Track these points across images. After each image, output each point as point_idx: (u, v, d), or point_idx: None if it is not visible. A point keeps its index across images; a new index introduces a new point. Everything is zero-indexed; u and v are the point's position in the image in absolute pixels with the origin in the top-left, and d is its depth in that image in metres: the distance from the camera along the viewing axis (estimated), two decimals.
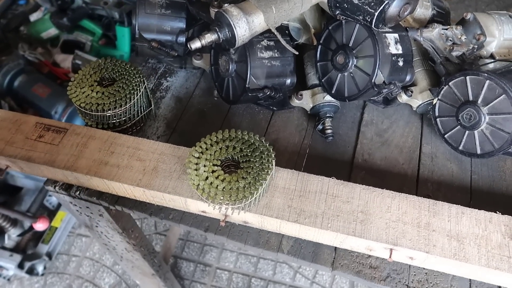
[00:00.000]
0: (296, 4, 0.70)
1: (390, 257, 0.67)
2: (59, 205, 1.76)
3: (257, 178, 0.67)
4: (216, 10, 0.67)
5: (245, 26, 0.65)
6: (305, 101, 0.88)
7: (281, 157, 0.85)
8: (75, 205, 0.87)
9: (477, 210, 0.70)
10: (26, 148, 0.78)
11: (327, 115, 0.87)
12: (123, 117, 0.82)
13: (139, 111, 0.85)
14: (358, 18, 0.71)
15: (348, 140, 0.88)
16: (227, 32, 0.65)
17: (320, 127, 0.87)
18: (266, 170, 0.68)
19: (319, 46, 0.86)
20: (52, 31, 2.00)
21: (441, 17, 0.97)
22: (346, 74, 0.81)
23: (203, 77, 1.01)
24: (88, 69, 0.84)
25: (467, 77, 0.77)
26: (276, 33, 0.69)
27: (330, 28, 0.83)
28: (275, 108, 0.89)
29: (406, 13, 0.71)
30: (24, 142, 0.79)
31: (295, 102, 0.88)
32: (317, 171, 0.76)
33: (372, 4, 0.68)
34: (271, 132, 0.90)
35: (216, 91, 0.92)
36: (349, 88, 0.82)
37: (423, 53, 0.93)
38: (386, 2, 0.67)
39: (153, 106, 0.90)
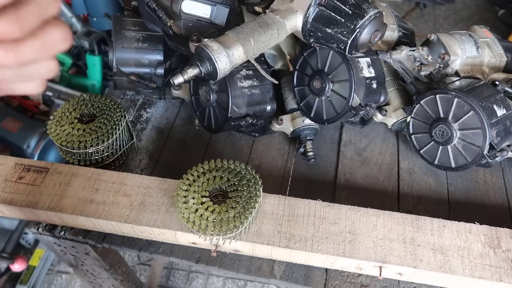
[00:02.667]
0: (272, 36, 0.73)
1: (380, 274, 0.69)
2: (36, 242, 1.70)
3: (246, 206, 0.68)
4: (195, 44, 0.69)
5: (225, 59, 0.67)
6: (285, 125, 0.91)
7: (266, 182, 0.86)
8: (60, 245, 0.85)
9: (457, 222, 0.73)
10: (6, 191, 0.76)
11: (308, 138, 0.89)
12: (105, 153, 0.82)
13: (121, 146, 0.85)
14: (332, 46, 0.74)
15: (329, 160, 0.91)
16: (208, 66, 0.67)
17: (302, 150, 0.89)
18: (254, 198, 0.69)
19: (295, 72, 0.89)
20: None
21: (407, 38, 1.03)
22: (323, 98, 0.84)
23: (183, 107, 1.02)
24: (67, 106, 0.84)
25: (437, 96, 0.81)
26: (255, 64, 0.71)
27: (305, 54, 0.86)
28: (256, 134, 0.91)
29: (376, 39, 0.75)
30: (4, 185, 0.77)
31: (276, 127, 0.91)
32: (302, 193, 0.78)
33: (345, 32, 0.71)
34: (254, 157, 0.91)
35: (197, 120, 0.93)
36: (327, 111, 0.85)
37: (393, 73, 0.97)
38: (357, 30, 0.71)
39: (135, 139, 0.90)
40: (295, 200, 0.75)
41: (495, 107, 0.77)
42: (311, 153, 0.88)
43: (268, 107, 0.84)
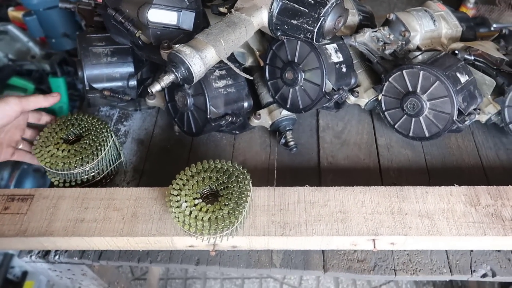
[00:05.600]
0: (241, 34, 0.74)
1: (374, 247, 0.72)
2: (24, 275, 1.65)
3: (238, 202, 0.70)
4: (167, 51, 0.70)
5: (199, 62, 0.68)
6: (263, 119, 0.93)
7: (253, 176, 0.86)
8: (55, 270, 0.84)
9: (438, 187, 0.77)
10: None
11: (287, 128, 0.92)
12: (91, 173, 0.81)
13: (108, 164, 0.84)
14: (299, 36, 0.77)
15: (310, 147, 0.94)
16: (183, 71, 0.68)
17: (283, 141, 0.91)
18: (245, 193, 0.71)
19: (267, 66, 0.91)
20: None
21: (367, 20, 1.07)
22: (297, 88, 0.87)
23: (160, 115, 1.02)
24: (53, 126, 0.83)
25: (404, 71, 0.85)
26: (228, 63, 0.72)
27: (273, 48, 0.89)
28: (237, 132, 0.93)
29: (340, 24, 0.78)
30: None
31: (255, 122, 0.92)
32: (289, 182, 0.80)
33: (310, 22, 0.74)
34: (238, 155, 0.93)
35: (176, 126, 0.93)
36: (302, 100, 0.87)
37: (359, 56, 1.01)
38: (322, 18, 0.73)
39: (123, 157, 0.89)
40: (284, 189, 0.77)
41: (458, 74, 0.82)
42: (292, 143, 0.90)
43: (245, 104, 0.86)
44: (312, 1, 0.74)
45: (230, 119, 0.82)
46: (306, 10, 0.74)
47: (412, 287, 1.61)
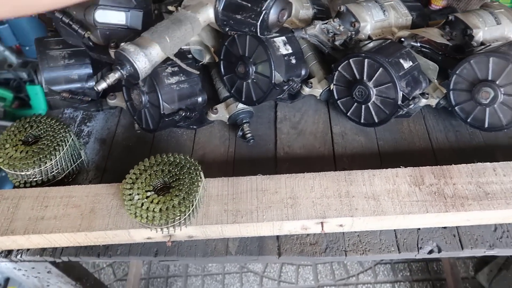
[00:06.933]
0: (187, 30, 0.77)
1: (322, 229, 0.75)
2: (6, 282, 1.66)
3: (189, 192, 0.72)
4: (114, 50, 0.72)
5: (144, 59, 0.70)
6: (221, 113, 0.95)
7: (212, 169, 0.90)
8: (20, 269, 0.86)
9: (385, 169, 0.80)
10: None
11: (244, 121, 0.94)
12: (50, 173, 0.83)
13: (69, 164, 0.86)
14: (245, 30, 0.79)
15: (268, 139, 0.96)
16: (129, 68, 0.70)
17: (240, 133, 0.94)
18: (196, 183, 0.73)
19: (221, 62, 0.94)
20: None
21: (323, 14, 1.10)
22: (250, 81, 0.90)
23: (122, 115, 1.04)
24: (12, 129, 0.84)
25: (350, 60, 0.88)
26: (175, 59, 0.75)
27: (226, 44, 0.91)
28: (195, 127, 0.95)
29: (284, 17, 0.81)
30: None
31: (212, 116, 0.95)
32: (246, 173, 0.82)
33: (253, 16, 0.77)
34: (198, 149, 0.95)
35: (136, 124, 0.96)
36: (255, 92, 0.90)
37: (313, 48, 1.04)
38: (264, 12, 0.76)
39: (83, 157, 0.91)
40: (238, 179, 0.80)
41: (401, 61, 0.85)
42: (249, 135, 0.93)
43: (199, 99, 0.88)
44: None
45: (184, 114, 0.84)
46: (249, 5, 0.77)
47: (389, 273, 1.65)
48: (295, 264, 1.69)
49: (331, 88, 0.95)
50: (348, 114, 0.94)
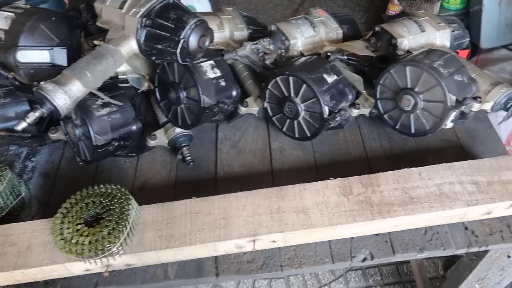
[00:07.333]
0: (109, 64, 0.79)
1: (254, 247, 0.76)
2: None
3: (119, 222, 0.73)
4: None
5: (63, 96, 0.72)
6: (160, 139, 0.97)
7: (152, 195, 0.92)
8: None
9: (315, 182, 0.82)
10: None
11: (183, 144, 0.96)
12: None
13: (8, 202, 0.86)
14: (167, 59, 0.82)
15: (209, 160, 0.98)
16: (48, 106, 0.72)
17: (179, 157, 0.96)
18: (126, 212, 0.75)
19: (156, 89, 0.96)
20: None
21: (259, 33, 1.13)
22: (182, 106, 0.92)
23: (66, 147, 1.05)
24: None
25: (277, 78, 0.91)
26: (97, 93, 0.77)
27: (158, 71, 0.94)
28: (133, 154, 0.97)
29: (206, 43, 0.83)
30: None
31: (151, 143, 0.97)
32: (187, 196, 0.84)
33: (172, 45, 0.79)
34: (140, 175, 0.97)
35: (77, 156, 0.97)
36: (189, 116, 0.92)
37: (249, 68, 1.07)
38: (182, 40, 0.78)
39: (23, 193, 0.92)
40: (172, 204, 0.81)
41: (325, 75, 0.88)
42: (188, 158, 0.95)
43: (133, 127, 0.90)
44: (173, 26, 0.79)
45: (117, 143, 0.86)
46: (168, 35, 0.79)
47: (361, 279, 1.66)
48: (267, 278, 1.69)
49: (265, 106, 0.97)
50: (283, 129, 0.97)
